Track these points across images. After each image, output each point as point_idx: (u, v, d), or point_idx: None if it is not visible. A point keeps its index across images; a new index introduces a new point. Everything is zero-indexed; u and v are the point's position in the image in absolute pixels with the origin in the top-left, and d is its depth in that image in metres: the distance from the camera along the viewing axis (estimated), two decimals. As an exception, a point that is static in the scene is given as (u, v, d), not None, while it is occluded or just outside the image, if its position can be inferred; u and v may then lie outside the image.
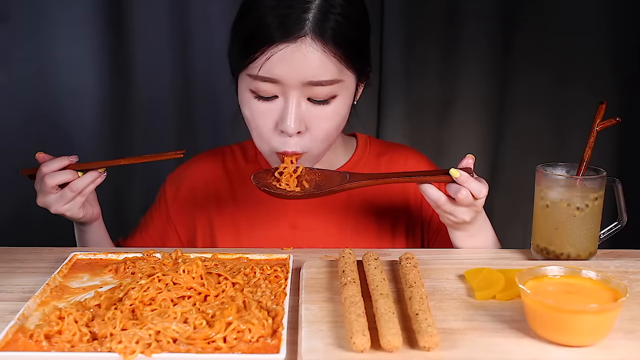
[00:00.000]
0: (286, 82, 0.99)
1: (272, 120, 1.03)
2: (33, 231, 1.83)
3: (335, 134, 1.08)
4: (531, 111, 1.97)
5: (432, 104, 1.98)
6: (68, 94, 1.87)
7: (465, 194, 0.97)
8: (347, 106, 1.06)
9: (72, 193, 1.07)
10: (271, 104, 1.02)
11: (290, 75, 0.98)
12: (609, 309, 0.74)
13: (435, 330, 0.73)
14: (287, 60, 0.97)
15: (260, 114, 1.03)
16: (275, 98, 1.02)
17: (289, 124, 1.00)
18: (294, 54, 0.97)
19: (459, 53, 1.93)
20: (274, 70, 0.98)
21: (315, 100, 1.02)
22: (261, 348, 0.73)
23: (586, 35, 1.90)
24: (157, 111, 1.92)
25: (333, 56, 0.99)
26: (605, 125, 1.02)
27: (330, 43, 0.98)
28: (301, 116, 1.01)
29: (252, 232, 1.20)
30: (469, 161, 1.01)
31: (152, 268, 0.94)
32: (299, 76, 0.98)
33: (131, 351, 0.71)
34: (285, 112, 1.01)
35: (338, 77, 1.01)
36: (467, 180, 0.98)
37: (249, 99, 1.04)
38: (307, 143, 1.04)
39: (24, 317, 0.80)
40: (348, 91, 1.05)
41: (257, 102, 1.03)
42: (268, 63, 0.98)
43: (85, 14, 1.82)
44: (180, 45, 1.88)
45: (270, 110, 1.02)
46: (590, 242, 1.02)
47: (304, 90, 1.00)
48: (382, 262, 0.93)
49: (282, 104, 1.02)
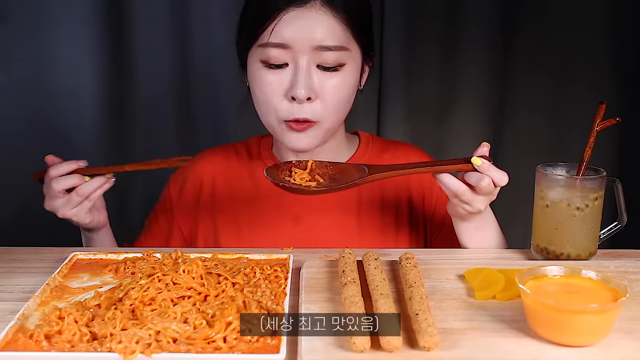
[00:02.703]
0: (296, 47, 1.02)
1: (282, 88, 1.05)
2: (33, 231, 1.82)
3: (344, 108, 1.10)
4: (531, 111, 1.97)
5: (432, 104, 1.98)
6: (68, 94, 1.87)
7: (487, 182, 0.96)
8: (354, 79, 1.09)
9: (79, 198, 1.06)
10: (281, 73, 1.05)
11: (299, 38, 1.02)
12: (609, 309, 0.74)
13: (435, 330, 0.73)
14: (296, 23, 1.02)
15: (270, 83, 1.06)
16: (285, 67, 1.05)
17: (299, 90, 1.03)
18: (303, 18, 1.02)
19: (459, 53, 1.93)
20: (283, 34, 1.02)
21: (325, 67, 1.05)
22: (261, 348, 0.73)
23: (586, 35, 1.90)
24: (157, 110, 1.92)
25: (342, 22, 1.04)
26: (605, 125, 1.02)
27: (340, 10, 1.03)
28: (311, 83, 1.04)
29: (255, 229, 1.20)
30: (485, 149, 0.99)
31: (152, 268, 0.93)
32: (308, 39, 1.02)
33: (131, 351, 0.71)
34: (296, 79, 1.04)
35: (346, 44, 1.05)
36: (489, 168, 0.96)
37: (258, 71, 1.07)
38: (318, 111, 1.06)
39: (24, 317, 0.80)
40: (355, 64, 1.08)
41: (267, 72, 1.06)
42: (278, 27, 1.02)
43: (85, 14, 1.82)
44: (180, 44, 1.88)
45: (280, 79, 1.05)
46: (590, 242, 1.02)
47: (314, 56, 1.03)
48: (382, 262, 0.93)
49: (292, 72, 1.05)
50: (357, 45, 1.08)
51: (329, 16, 1.03)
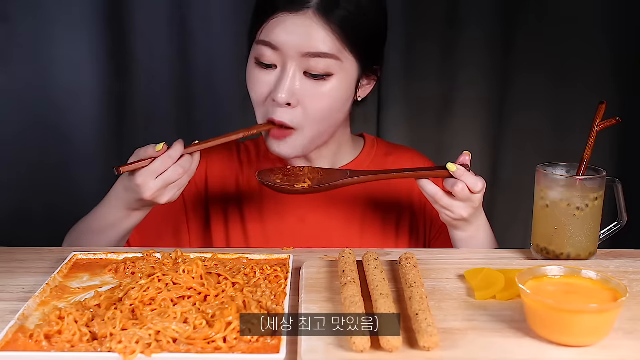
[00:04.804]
0: (285, 50, 1.03)
1: (268, 89, 1.07)
2: (33, 231, 1.83)
3: (330, 118, 1.09)
4: (531, 111, 1.97)
5: (432, 104, 1.98)
6: (68, 94, 1.87)
7: (461, 187, 1.00)
8: (344, 91, 1.08)
9: (188, 178, 1.04)
10: (269, 73, 1.06)
11: (288, 42, 1.03)
12: (609, 309, 0.74)
13: (435, 330, 0.73)
14: (287, 28, 1.03)
15: (258, 81, 1.07)
16: (274, 68, 1.06)
17: (280, 94, 1.04)
18: (295, 24, 1.03)
19: (459, 53, 1.93)
20: (272, 35, 1.03)
21: (312, 75, 1.04)
22: (261, 348, 0.73)
23: (586, 35, 1.90)
24: (157, 110, 1.92)
25: (333, 33, 1.03)
26: (605, 125, 1.02)
27: (333, 21, 1.03)
28: (294, 89, 1.05)
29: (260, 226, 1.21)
30: (466, 158, 1.04)
31: (152, 268, 0.93)
32: (296, 45, 1.03)
33: (131, 351, 0.71)
34: (279, 82, 1.05)
35: (337, 54, 1.04)
36: (463, 175, 1.01)
37: (251, 67, 1.09)
38: (298, 118, 1.07)
39: (24, 317, 0.80)
40: (347, 75, 1.07)
41: (257, 70, 1.07)
42: (269, 27, 1.04)
43: (85, 14, 1.82)
44: (180, 44, 1.88)
45: (267, 80, 1.07)
46: (590, 242, 1.02)
47: (302, 62, 1.04)
48: (382, 262, 0.93)
49: (278, 75, 1.05)
50: (351, 56, 1.06)
51: (321, 25, 1.02)
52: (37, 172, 1.87)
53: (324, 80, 1.05)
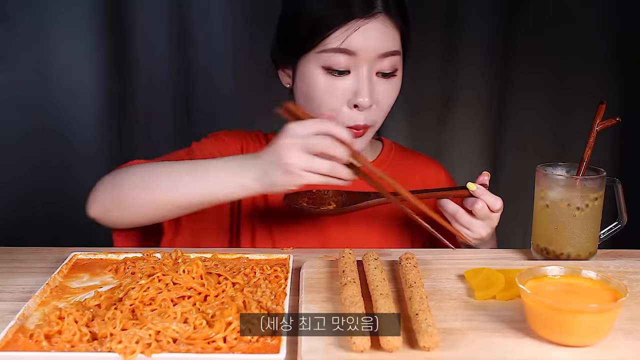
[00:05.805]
0: (362, 54, 1.06)
1: (345, 97, 1.08)
2: (33, 231, 1.83)
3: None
4: (531, 111, 1.97)
5: (432, 103, 1.98)
6: (68, 94, 1.87)
7: (481, 205, 1.03)
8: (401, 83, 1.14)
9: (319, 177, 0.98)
10: (343, 80, 1.08)
11: (367, 47, 1.05)
12: (609, 309, 0.74)
13: (435, 330, 0.73)
14: (365, 32, 1.05)
15: (334, 89, 1.08)
16: (346, 74, 1.07)
17: (364, 98, 1.06)
18: (372, 27, 1.05)
19: (459, 53, 1.93)
20: (349, 42, 1.05)
21: (383, 74, 1.09)
22: (261, 348, 0.73)
23: (586, 35, 1.90)
24: (157, 110, 1.92)
25: (397, 29, 1.09)
26: (605, 125, 1.02)
27: (397, 20, 1.08)
28: (373, 91, 1.08)
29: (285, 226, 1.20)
30: (485, 178, 1.07)
31: (152, 268, 0.93)
32: (374, 48, 1.06)
33: (131, 351, 0.71)
34: (360, 87, 1.07)
35: (399, 49, 1.10)
36: (483, 194, 1.04)
37: (319, 77, 1.08)
38: (374, 116, 1.10)
39: (24, 317, 0.80)
40: (401, 67, 1.13)
41: (329, 78, 1.08)
42: (341, 35, 1.05)
43: (85, 14, 1.82)
44: (180, 44, 1.88)
45: (343, 87, 1.08)
46: (590, 242, 1.02)
47: (375, 63, 1.07)
48: (382, 262, 0.93)
49: (354, 79, 1.07)
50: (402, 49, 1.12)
51: (390, 25, 1.07)
52: (37, 172, 1.87)
53: (393, 76, 1.11)
